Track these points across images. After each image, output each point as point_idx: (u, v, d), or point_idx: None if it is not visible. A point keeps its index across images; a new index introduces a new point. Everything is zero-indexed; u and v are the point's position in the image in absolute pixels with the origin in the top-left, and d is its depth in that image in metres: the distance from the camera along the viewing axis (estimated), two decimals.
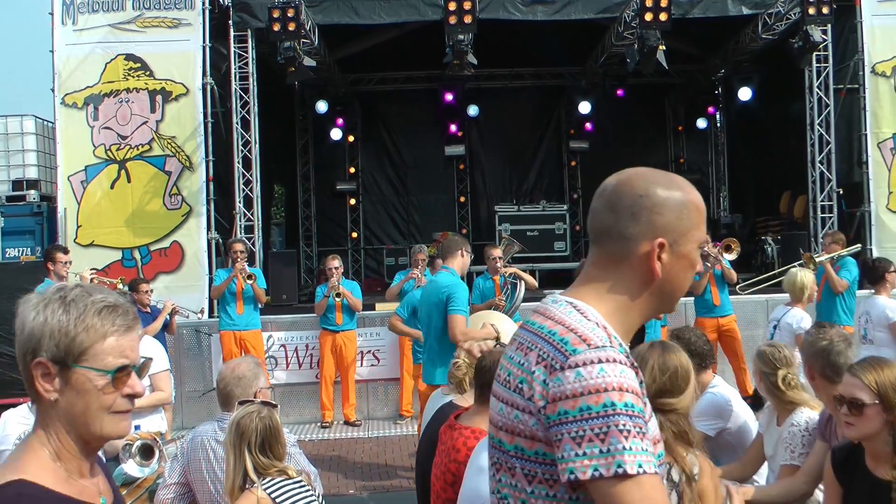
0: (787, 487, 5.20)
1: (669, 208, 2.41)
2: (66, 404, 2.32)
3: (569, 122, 24.69)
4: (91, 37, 15.45)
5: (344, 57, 20.36)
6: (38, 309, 2.31)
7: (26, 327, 2.31)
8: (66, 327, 2.29)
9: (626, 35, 16.59)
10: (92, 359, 2.31)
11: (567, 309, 2.38)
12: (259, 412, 4.59)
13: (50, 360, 2.28)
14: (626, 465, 2.11)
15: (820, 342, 5.22)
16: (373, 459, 11.89)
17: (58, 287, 2.38)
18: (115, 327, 2.37)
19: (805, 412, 5.39)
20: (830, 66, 16.48)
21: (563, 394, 2.19)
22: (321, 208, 24.68)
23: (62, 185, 15.36)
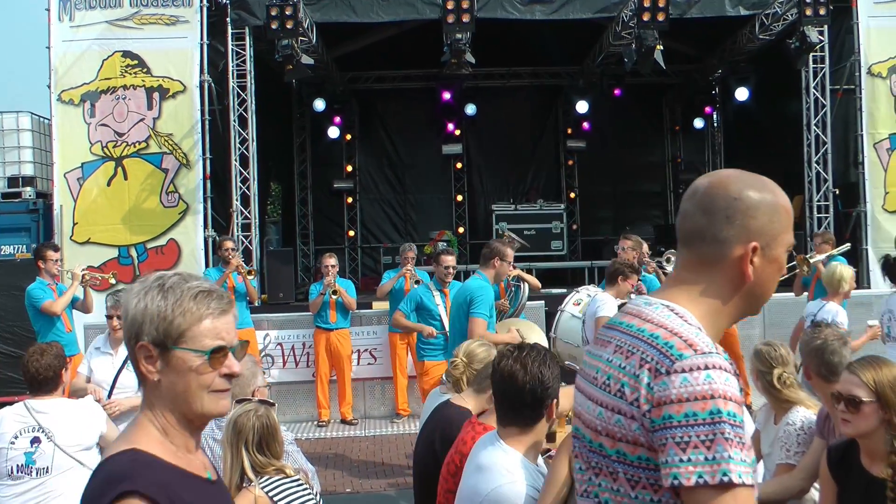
0: (783, 484, 5.21)
1: (763, 211, 2.41)
2: (168, 384, 2.49)
3: (566, 122, 24.72)
4: (88, 33, 15.42)
5: (342, 55, 20.35)
6: (140, 296, 2.48)
7: (129, 313, 2.50)
8: (164, 312, 2.45)
9: (623, 35, 16.59)
10: (189, 340, 2.47)
11: (664, 312, 2.38)
12: (256, 411, 4.59)
13: (151, 342, 2.46)
14: (731, 474, 2.12)
15: (814, 341, 5.24)
16: (369, 458, 11.89)
17: (157, 275, 2.54)
18: (210, 310, 2.51)
19: (801, 411, 5.41)
20: (827, 67, 16.49)
21: (669, 398, 2.19)
22: (318, 206, 24.67)
23: (58, 182, 15.33)
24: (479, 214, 24.46)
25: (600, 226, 24.09)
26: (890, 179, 16.25)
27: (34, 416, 5.98)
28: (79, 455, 6.02)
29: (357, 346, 14.16)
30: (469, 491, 4.06)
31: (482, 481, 3.97)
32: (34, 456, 5.87)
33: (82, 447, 6.06)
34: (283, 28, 14.48)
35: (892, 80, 16.39)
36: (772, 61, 18.78)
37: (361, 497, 10.12)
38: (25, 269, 14.64)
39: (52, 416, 6.00)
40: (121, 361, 7.77)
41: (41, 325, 11.32)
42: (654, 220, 25.00)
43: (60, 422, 6.01)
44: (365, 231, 24.73)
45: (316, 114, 22.91)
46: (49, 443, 5.92)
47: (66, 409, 6.17)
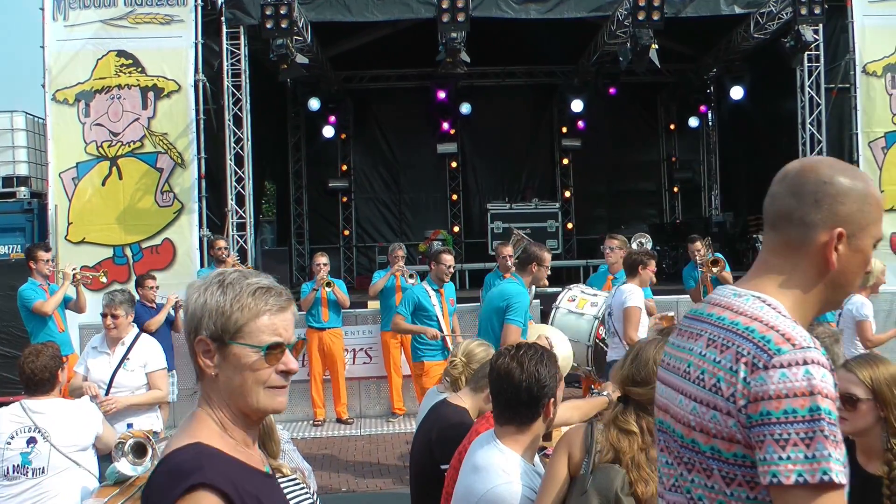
0: None
1: (852, 199, 2.37)
2: (225, 379, 2.50)
3: (561, 121, 24.76)
4: (82, 32, 15.38)
5: (336, 54, 20.36)
6: (200, 291, 2.50)
7: (189, 308, 2.52)
8: (222, 307, 2.47)
9: (618, 34, 16.61)
10: (247, 336, 2.47)
11: (756, 304, 2.36)
12: None
13: (209, 337, 2.47)
14: (831, 473, 2.09)
15: None
16: (365, 457, 11.87)
17: (218, 271, 2.55)
18: (269, 307, 2.51)
19: None
20: (822, 66, 16.50)
21: (766, 394, 2.16)
22: (313, 206, 24.70)
23: (53, 182, 15.30)
24: (474, 213, 24.51)
25: (595, 225, 24.12)
26: (885, 178, 16.25)
27: (30, 417, 5.98)
28: (74, 455, 6.02)
29: (352, 346, 14.15)
30: (465, 491, 4.06)
31: (478, 482, 3.97)
32: (30, 456, 5.87)
33: (78, 448, 6.06)
34: (278, 27, 14.47)
35: (887, 78, 16.39)
36: (767, 60, 18.82)
37: (357, 496, 10.11)
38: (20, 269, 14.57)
39: (48, 417, 6.00)
40: (117, 361, 7.77)
41: (33, 326, 11.33)
42: (650, 219, 25.05)
43: (57, 422, 6.01)
44: (360, 230, 24.77)
45: (311, 113, 22.92)
46: (45, 443, 5.92)
47: (63, 409, 6.17)
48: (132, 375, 7.78)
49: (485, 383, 4.75)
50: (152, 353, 7.99)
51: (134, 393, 7.74)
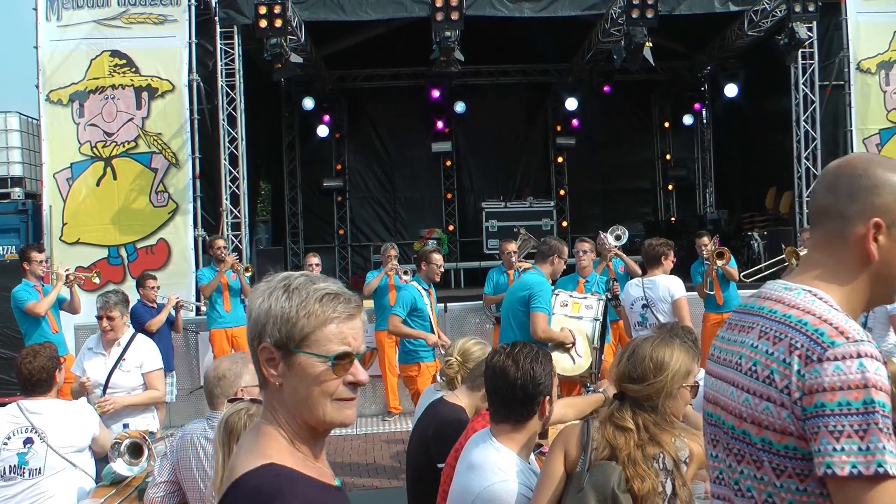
0: None
1: (888, 190, 2.36)
2: (290, 389, 2.35)
3: (555, 119, 24.77)
4: (76, 33, 15.36)
5: (330, 53, 20.36)
6: (264, 297, 2.37)
7: (253, 314, 2.38)
8: (287, 314, 2.32)
9: (612, 32, 16.62)
10: (313, 344, 2.33)
11: (808, 297, 2.36)
12: (248, 409, 4.56)
13: (273, 345, 2.32)
14: (886, 465, 2.10)
15: None
16: (361, 457, 11.87)
17: (284, 276, 2.44)
18: (337, 314, 2.37)
19: None
20: (816, 63, 16.54)
21: (821, 386, 2.17)
22: (308, 205, 24.70)
23: (47, 182, 15.28)
24: (468, 212, 24.50)
25: (590, 223, 24.09)
26: None
27: (27, 417, 5.97)
28: (71, 456, 6.02)
29: None
30: (461, 489, 4.06)
31: (474, 480, 3.97)
32: (27, 457, 5.87)
33: (75, 448, 6.06)
34: (272, 27, 14.47)
35: (881, 75, 16.42)
36: (761, 58, 18.83)
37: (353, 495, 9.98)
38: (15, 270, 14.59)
39: (45, 417, 6.00)
40: (113, 361, 7.77)
41: (27, 327, 11.32)
42: (644, 217, 25.10)
43: (54, 423, 6.01)
44: (355, 229, 24.76)
45: (305, 112, 22.92)
46: (42, 443, 5.91)
47: (60, 410, 6.17)
48: (128, 376, 7.78)
49: (481, 382, 4.75)
50: (148, 354, 7.99)
51: (130, 393, 7.74)
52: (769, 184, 20.04)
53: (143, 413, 7.83)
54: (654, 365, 3.84)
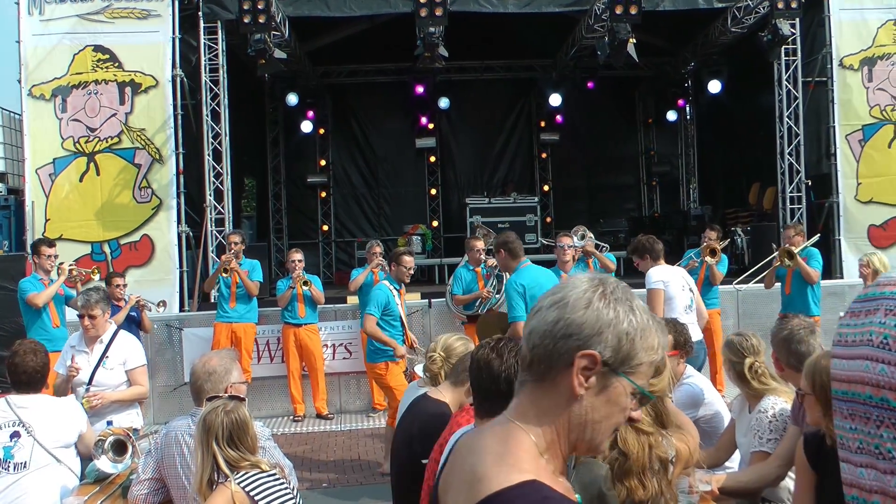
0: (758, 473, 5.25)
1: None
2: (588, 406, 2.17)
3: (539, 115, 24.80)
4: (58, 27, 15.32)
5: (314, 49, 20.33)
6: (605, 302, 2.16)
7: (578, 312, 2.16)
8: (633, 334, 2.15)
9: (596, 28, 16.63)
10: (638, 374, 2.17)
11: None
12: (225, 407, 4.58)
13: (604, 358, 2.13)
14: None
15: (782, 332, 5.30)
16: (345, 453, 11.87)
17: (619, 286, 2.22)
18: (659, 352, 2.22)
19: (772, 399, 5.46)
20: (799, 59, 16.56)
21: None
22: (292, 201, 24.67)
23: (30, 178, 15.24)
24: (453, 208, 24.48)
25: (574, 218, 23.93)
26: (862, 170, 16.36)
27: (15, 411, 5.99)
28: (57, 452, 6.03)
29: (332, 341, 14.16)
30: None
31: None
32: (13, 450, 5.89)
33: (61, 444, 6.08)
34: (256, 22, 14.45)
35: (863, 71, 16.48)
36: (744, 54, 18.87)
37: (338, 491, 10.11)
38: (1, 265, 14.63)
39: (32, 412, 6.02)
40: (96, 359, 7.76)
41: (29, 319, 11.52)
42: (628, 213, 25.14)
43: (41, 417, 6.03)
44: (339, 225, 24.74)
45: (289, 108, 22.91)
46: (29, 437, 5.93)
47: (48, 405, 6.19)
48: (112, 374, 7.77)
49: (465, 377, 4.74)
50: (131, 350, 7.98)
51: (115, 390, 7.73)
52: (752, 180, 20.09)
53: (128, 409, 7.83)
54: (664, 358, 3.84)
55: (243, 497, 4.33)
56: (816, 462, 4.33)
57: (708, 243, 12.99)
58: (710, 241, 13.02)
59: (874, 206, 16.36)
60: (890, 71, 16.54)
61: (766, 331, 6.24)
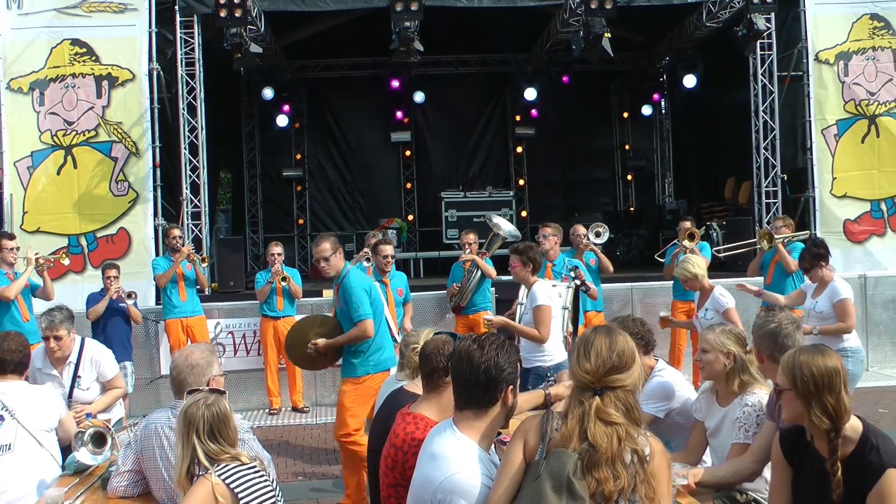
0: (735, 467, 5.29)
1: None
2: None
3: (514, 109, 24.84)
4: (36, 21, 15.28)
5: (290, 43, 20.34)
6: None
7: None
8: None
9: (571, 22, 16.68)
10: None
11: None
12: (206, 400, 4.62)
13: None
14: None
15: (769, 324, 5.33)
16: (321, 445, 11.90)
17: None
18: None
19: (758, 393, 5.50)
20: (774, 54, 16.60)
21: None
22: (267, 194, 24.68)
23: (8, 170, 15.21)
24: (428, 202, 24.48)
25: (550, 212, 24.06)
26: (837, 165, 16.44)
27: None
28: (39, 435, 6.06)
29: None
30: (423, 479, 4.08)
31: (435, 469, 4.00)
32: None
33: (43, 428, 6.12)
34: (232, 16, 14.46)
35: (839, 66, 16.55)
36: (719, 48, 18.95)
37: (313, 484, 10.14)
38: None
39: (12, 396, 6.07)
40: (69, 381, 7.70)
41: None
42: (603, 207, 25.16)
43: (22, 402, 6.07)
44: (314, 219, 24.74)
45: (265, 102, 22.90)
46: (12, 420, 5.96)
47: (27, 391, 6.24)
48: (88, 392, 7.74)
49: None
50: (103, 362, 7.93)
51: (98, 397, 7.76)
52: (728, 174, 20.19)
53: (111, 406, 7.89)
54: (631, 353, 3.87)
55: (223, 489, 4.37)
56: (792, 457, 4.38)
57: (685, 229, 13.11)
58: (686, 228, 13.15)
59: (848, 200, 16.45)
60: (865, 66, 16.61)
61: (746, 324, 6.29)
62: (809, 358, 4.19)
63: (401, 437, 4.52)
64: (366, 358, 8.62)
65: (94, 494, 5.67)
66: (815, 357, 4.20)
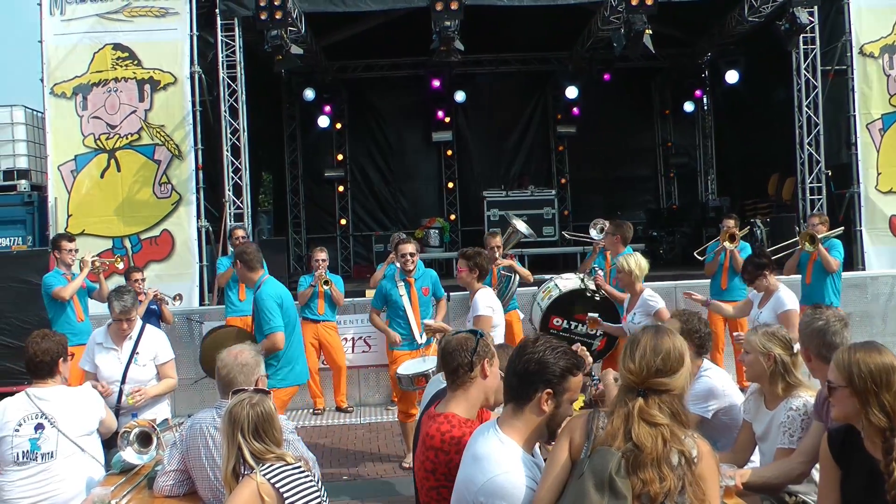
0: (782, 468, 5.22)
1: None
2: None
3: (556, 107, 24.74)
4: (79, 27, 15.45)
5: (330, 44, 20.35)
6: None
7: None
8: None
9: (612, 19, 16.60)
10: None
11: None
12: (251, 399, 4.64)
13: None
14: None
15: (816, 322, 5.25)
16: (364, 445, 11.92)
17: None
18: None
19: (803, 395, 5.43)
20: (818, 48, 16.40)
21: None
22: (309, 196, 24.74)
23: (52, 174, 15.39)
24: (470, 201, 24.41)
25: (591, 211, 23.94)
26: (882, 160, 16.24)
27: (36, 404, 6.08)
28: (80, 441, 6.11)
29: (351, 335, 14.22)
30: (465, 480, 4.07)
31: (478, 471, 3.98)
32: (39, 442, 6.00)
33: (84, 433, 6.17)
34: (272, 18, 14.48)
35: (883, 59, 16.34)
36: (762, 43, 18.78)
37: (358, 484, 10.15)
38: (22, 260, 14.81)
39: (53, 404, 6.11)
40: (127, 356, 7.85)
41: (54, 313, 11.61)
42: (646, 205, 25.06)
43: (62, 408, 6.12)
44: (356, 219, 24.78)
45: (306, 103, 22.96)
46: (52, 429, 6.02)
47: (67, 396, 6.27)
48: (143, 370, 7.90)
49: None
50: (161, 345, 8.15)
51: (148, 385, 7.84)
52: (771, 170, 20.00)
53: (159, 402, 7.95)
54: (678, 354, 3.84)
55: (269, 489, 4.38)
56: (840, 457, 4.29)
57: (727, 229, 13.03)
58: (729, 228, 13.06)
59: (894, 196, 16.23)
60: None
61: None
62: (866, 355, 4.13)
63: (437, 438, 4.48)
64: (275, 371, 8.61)
65: (140, 493, 5.72)
66: (872, 354, 4.14)
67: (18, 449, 5.95)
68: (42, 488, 5.95)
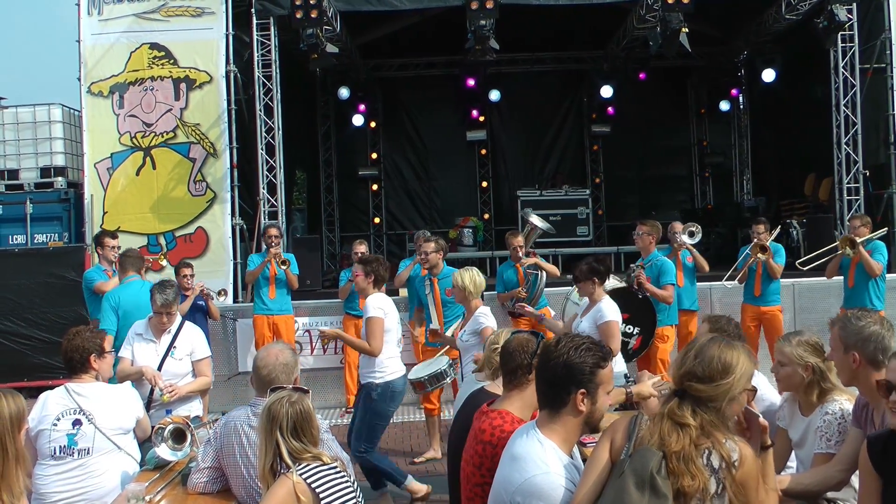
0: (821, 475, 5.15)
1: None
2: None
3: (590, 106, 24.64)
4: (116, 26, 15.61)
5: (365, 43, 20.39)
6: None
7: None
8: None
9: (648, 18, 16.53)
10: None
11: None
12: (290, 397, 4.63)
13: None
14: None
15: (870, 326, 5.17)
16: (398, 444, 11.92)
17: None
18: None
19: (839, 400, 5.37)
20: (856, 46, 16.18)
21: None
22: (343, 194, 24.79)
23: (89, 172, 15.56)
24: (504, 200, 24.42)
25: (626, 211, 23.97)
26: None
27: (75, 399, 6.11)
28: (116, 438, 6.13)
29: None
30: (503, 480, 4.08)
31: (515, 471, 3.99)
32: (76, 437, 6.03)
33: (121, 431, 6.19)
34: (308, 17, 14.51)
35: None
36: (799, 41, 18.63)
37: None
38: (59, 257, 14.96)
39: (91, 400, 6.13)
40: (164, 349, 7.89)
41: (94, 308, 11.62)
42: (681, 205, 24.90)
43: (100, 405, 6.14)
44: (390, 218, 24.81)
45: (340, 102, 23.00)
46: (90, 425, 6.05)
47: (105, 393, 6.30)
48: (180, 364, 7.94)
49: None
50: (198, 341, 8.20)
51: (181, 380, 7.87)
52: (808, 170, 19.82)
53: (192, 399, 7.97)
54: (722, 367, 3.81)
55: (305, 488, 4.38)
56: (881, 465, 4.21)
57: (757, 241, 12.79)
58: (758, 238, 12.81)
59: None
60: None
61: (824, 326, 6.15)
62: None
63: (488, 433, 4.51)
64: None
65: (175, 490, 5.74)
66: None
67: (56, 443, 5.98)
68: (77, 484, 5.97)
